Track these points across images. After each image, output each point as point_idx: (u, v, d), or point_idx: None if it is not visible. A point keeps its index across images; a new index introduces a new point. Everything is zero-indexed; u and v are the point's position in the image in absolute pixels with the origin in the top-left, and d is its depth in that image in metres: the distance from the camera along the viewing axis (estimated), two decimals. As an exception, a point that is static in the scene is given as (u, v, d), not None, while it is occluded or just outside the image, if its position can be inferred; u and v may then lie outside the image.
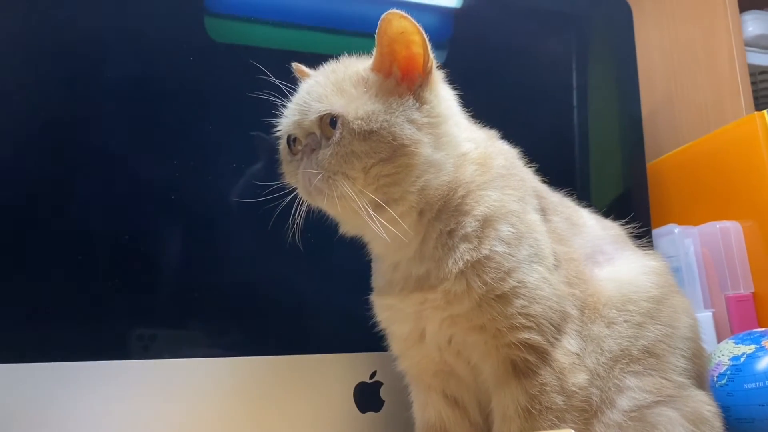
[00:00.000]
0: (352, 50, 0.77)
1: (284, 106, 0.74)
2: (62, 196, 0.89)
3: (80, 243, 0.89)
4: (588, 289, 0.74)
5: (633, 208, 1.16)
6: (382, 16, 0.66)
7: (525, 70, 1.22)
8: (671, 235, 1.17)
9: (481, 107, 0.81)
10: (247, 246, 0.95)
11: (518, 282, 0.68)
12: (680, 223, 1.20)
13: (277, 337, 0.95)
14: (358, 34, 1.08)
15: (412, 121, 0.67)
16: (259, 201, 0.80)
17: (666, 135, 1.49)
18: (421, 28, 0.67)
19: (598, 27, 1.29)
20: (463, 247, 0.69)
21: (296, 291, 0.96)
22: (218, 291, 0.93)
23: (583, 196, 0.92)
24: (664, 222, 1.24)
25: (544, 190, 0.81)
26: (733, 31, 1.36)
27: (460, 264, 0.68)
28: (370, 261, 0.82)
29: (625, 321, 0.73)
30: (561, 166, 1.19)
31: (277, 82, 0.74)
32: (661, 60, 1.54)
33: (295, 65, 0.81)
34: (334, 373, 0.94)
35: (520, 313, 0.67)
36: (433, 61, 0.70)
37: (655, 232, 1.18)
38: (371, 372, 0.96)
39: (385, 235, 0.68)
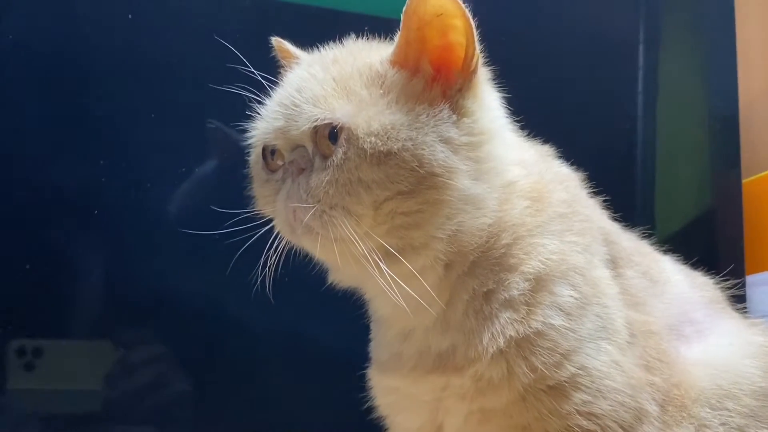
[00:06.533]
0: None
1: (258, 98, 0.57)
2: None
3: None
4: (672, 377, 0.59)
5: (719, 244, 0.98)
6: None
7: (577, 53, 1.03)
8: (772, 285, 0.97)
9: (511, 102, 0.62)
10: (196, 287, 0.81)
11: (579, 368, 0.54)
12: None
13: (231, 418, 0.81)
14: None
15: (446, 141, 0.53)
16: (215, 233, 0.62)
17: (763, 143, 1.26)
18: (466, 11, 0.51)
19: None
20: (505, 316, 0.54)
21: (257, 358, 0.82)
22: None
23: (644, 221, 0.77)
24: (760, 266, 1.03)
25: (615, 231, 0.66)
26: None
27: (500, 340, 0.54)
28: (364, 319, 0.65)
29: (722, 424, 0.58)
30: (619, 181, 1.01)
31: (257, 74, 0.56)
32: (763, 53, 1.31)
33: (276, 41, 0.65)
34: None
35: (579, 412, 0.54)
36: (479, 57, 0.54)
37: (749, 279, 0.98)
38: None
39: (397, 295, 0.53)
